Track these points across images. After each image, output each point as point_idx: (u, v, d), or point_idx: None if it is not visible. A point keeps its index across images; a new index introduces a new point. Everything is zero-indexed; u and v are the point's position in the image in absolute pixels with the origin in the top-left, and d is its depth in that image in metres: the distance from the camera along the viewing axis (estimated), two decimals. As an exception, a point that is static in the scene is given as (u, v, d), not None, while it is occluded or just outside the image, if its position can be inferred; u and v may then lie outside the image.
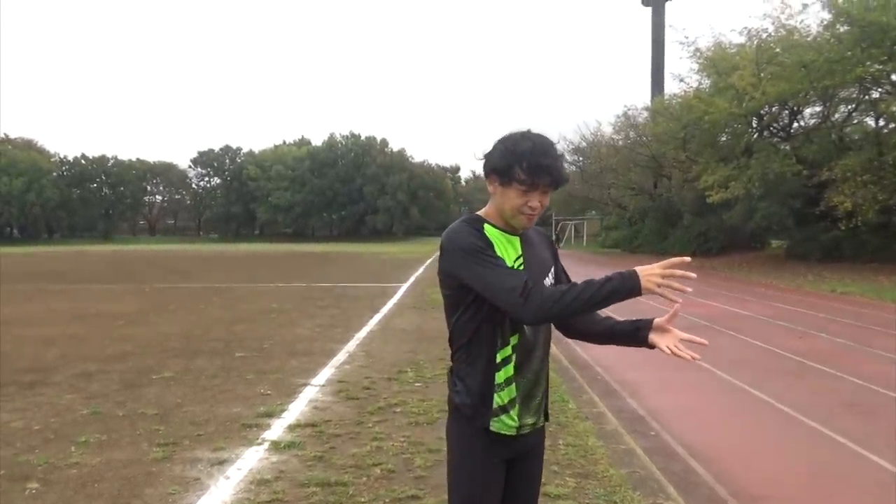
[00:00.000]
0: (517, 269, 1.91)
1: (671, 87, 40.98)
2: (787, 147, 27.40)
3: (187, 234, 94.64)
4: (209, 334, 9.83)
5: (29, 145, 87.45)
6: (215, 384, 6.61)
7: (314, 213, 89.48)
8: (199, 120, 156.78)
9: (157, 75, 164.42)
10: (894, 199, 21.46)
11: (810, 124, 28.57)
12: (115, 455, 4.50)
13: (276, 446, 4.65)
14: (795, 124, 29.08)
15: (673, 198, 38.41)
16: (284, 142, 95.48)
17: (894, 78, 23.00)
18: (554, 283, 2.04)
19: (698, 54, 29.66)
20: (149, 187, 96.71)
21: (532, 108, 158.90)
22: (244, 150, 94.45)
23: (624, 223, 46.86)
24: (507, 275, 1.82)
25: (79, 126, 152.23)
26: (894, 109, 22.33)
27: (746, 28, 26.88)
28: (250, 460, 4.39)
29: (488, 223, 1.95)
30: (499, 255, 1.88)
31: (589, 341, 2.17)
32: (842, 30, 22.55)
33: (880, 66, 21.92)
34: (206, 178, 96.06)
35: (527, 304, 1.77)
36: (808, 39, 24.21)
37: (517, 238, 1.97)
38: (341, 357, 8.03)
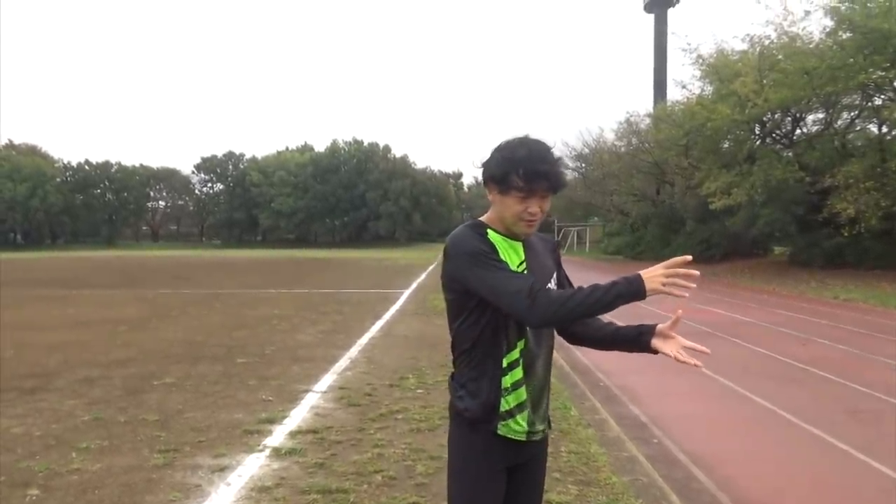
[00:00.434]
0: (522, 272, 1.93)
1: (673, 94, 41.15)
2: (790, 154, 27.37)
3: (190, 240, 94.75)
4: (211, 340, 9.82)
5: (33, 151, 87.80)
6: (217, 390, 6.60)
7: (317, 219, 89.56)
8: (202, 126, 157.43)
9: (160, 81, 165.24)
10: (897, 205, 21.41)
11: (813, 131, 28.54)
12: (116, 461, 4.49)
13: (277, 453, 4.64)
14: (798, 131, 29.07)
15: (675, 204, 38.37)
16: (287, 148, 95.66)
17: (897, 84, 22.98)
18: (553, 286, 2.04)
19: (700, 61, 29.68)
20: (152, 193, 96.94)
21: (535, 114, 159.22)
22: (247, 156, 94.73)
23: (626, 229, 46.82)
24: (513, 278, 1.83)
25: (83, 132, 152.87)
26: (897, 116, 22.29)
27: (749, 35, 26.92)
28: (251, 467, 4.38)
29: (491, 229, 1.96)
30: (502, 259, 1.89)
31: (591, 347, 2.16)
32: (844, 36, 22.53)
33: (883, 73, 21.89)
34: (209, 184, 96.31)
35: (533, 306, 1.77)
36: (811, 46, 24.18)
37: (520, 243, 1.97)
38: (343, 363, 8.02)
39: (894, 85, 22.96)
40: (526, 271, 1.94)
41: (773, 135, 29.42)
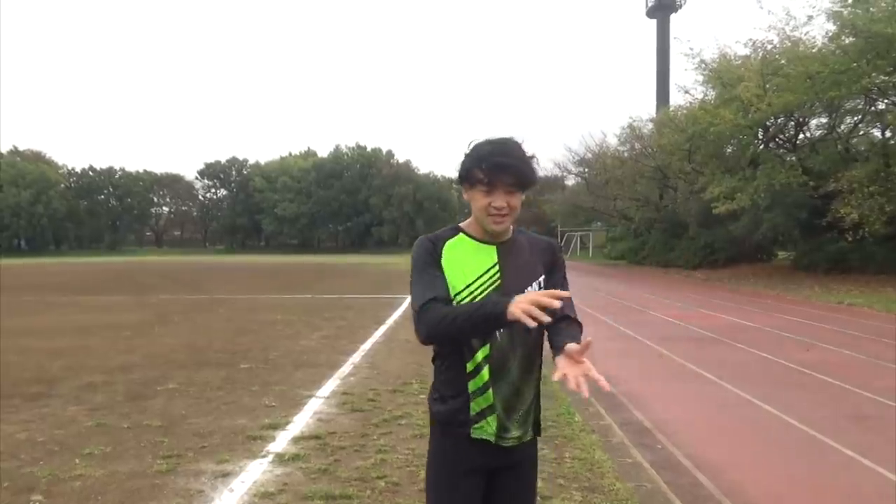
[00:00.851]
0: (482, 279, 1.94)
1: (676, 99, 41.11)
2: (793, 158, 27.34)
3: (193, 246, 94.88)
4: (214, 346, 9.83)
5: (37, 157, 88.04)
6: (220, 396, 6.60)
7: (320, 224, 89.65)
8: (206, 132, 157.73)
9: (164, 88, 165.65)
10: (902, 210, 21.36)
11: (816, 135, 28.53)
12: (119, 467, 4.49)
13: (280, 459, 4.63)
14: (801, 135, 29.03)
15: (679, 209, 38.34)
16: (290, 153, 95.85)
17: (900, 89, 22.96)
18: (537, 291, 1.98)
19: (703, 66, 29.67)
20: (156, 199, 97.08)
21: (538, 119, 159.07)
22: (250, 161, 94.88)
23: (629, 234, 46.79)
24: (424, 290, 1.89)
25: (87, 138, 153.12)
26: (901, 120, 22.27)
27: (751, 40, 26.94)
28: (254, 473, 4.37)
29: (465, 233, 2.00)
30: (452, 267, 1.93)
31: None
32: (847, 41, 22.53)
33: (886, 78, 21.87)
34: (213, 190, 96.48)
35: (419, 321, 1.86)
36: (814, 51, 24.17)
37: (494, 247, 1.98)
38: (346, 369, 8.01)
39: (898, 89, 22.94)
40: (499, 274, 1.95)
41: (777, 139, 29.40)
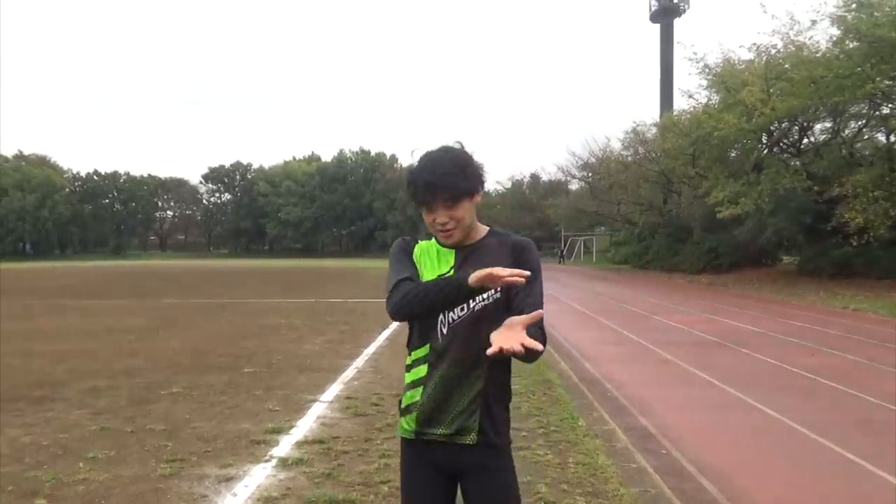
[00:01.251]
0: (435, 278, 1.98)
1: (680, 103, 40.86)
2: (798, 163, 27.30)
3: (197, 250, 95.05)
4: (218, 350, 9.83)
5: (43, 161, 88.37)
6: (223, 400, 6.60)
7: (323, 228, 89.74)
8: (210, 136, 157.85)
9: (169, 93, 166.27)
10: (906, 214, 21.30)
11: (820, 140, 28.49)
12: (123, 471, 4.49)
13: (283, 463, 4.63)
14: (805, 140, 29.00)
15: (682, 213, 38.28)
16: (294, 157, 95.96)
17: (905, 94, 22.93)
18: (489, 298, 1.93)
19: (707, 70, 29.66)
20: (160, 203, 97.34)
21: (541, 123, 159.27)
22: (254, 165, 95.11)
23: (633, 239, 46.71)
24: (397, 273, 1.97)
25: (92, 143, 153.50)
26: (905, 125, 22.26)
27: (755, 44, 26.86)
28: (258, 477, 4.37)
29: (435, 238, 2.04)
30: (417, 266, 2.00)
31: None
32: (851, 46, 22.51)
33: (890, 83, 21.84)
34: (217, 194, 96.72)
35: (389, 300, 1.94)
36: (818, 55, 24.16)
37: (452, 252, 2.01)
38: (350, 373, 8.01)
39: (902, 94, 22.91)
40: None
41: (781, 144, 29.36)
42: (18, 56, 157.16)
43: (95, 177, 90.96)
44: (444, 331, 1.96)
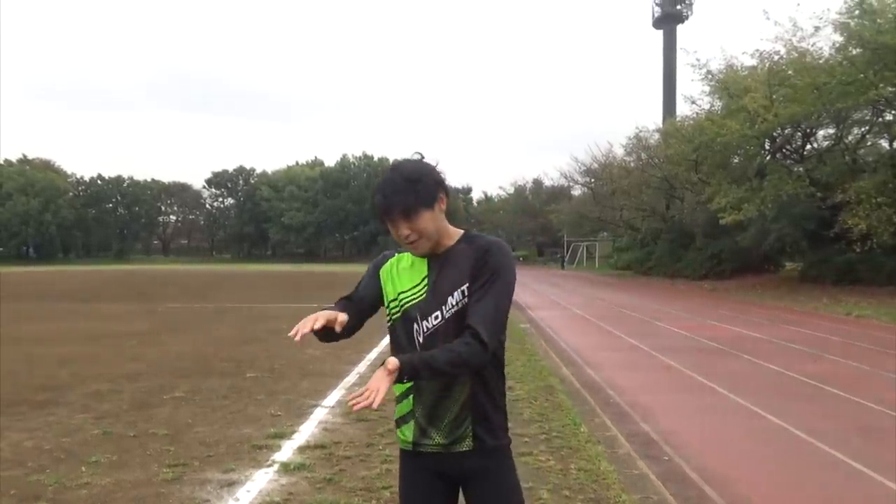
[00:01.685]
0: (409, 291, 2.02)
1: (683, 109, 41.01)
2: (801, 169, 27.27)
3: (200, 254, 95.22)
4: (220, 354, 9.85)
5: (47, 166, 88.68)
6: (226, 405, 6.61)
7: (326, 233, 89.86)
8: (213, 141, 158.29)
9: (173, 97, 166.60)
10: (910, 221, 21.27)
11: (823, 146, 28.48)
12: (126, 476, 4.49)
13: (285, 468, 4.63)
14: (808, 146, 28.98)
15: (685, 219, 38.27)
16: (297, 163, 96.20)
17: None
18: (458, 303, 1.94)
19: (710, 76, 29.69)
20: (163, 207, 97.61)
21: (544, 129, 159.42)
22: (258, 170, 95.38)
23: (636, 245, 46.67)
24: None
25: (96, 147, 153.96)
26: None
27: (758, 50, 26.91)
28: (260, 482, 4.37)
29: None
30: (381, 280, 2.09)
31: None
32: (854, 52, 22.53)
33: (893, 89, 21.86)
34: (220, 199, 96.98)
35: None
36: (821, 62, 24.18)
37: (424, 260, 2.02)
38: (352, 378, 8.02)
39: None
40: (426, 288, 1.99)
41: (784, 150, 29.36)
42: (22, 60, 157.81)
43: (99, 181, 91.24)
44: (421, 340, 1.96)
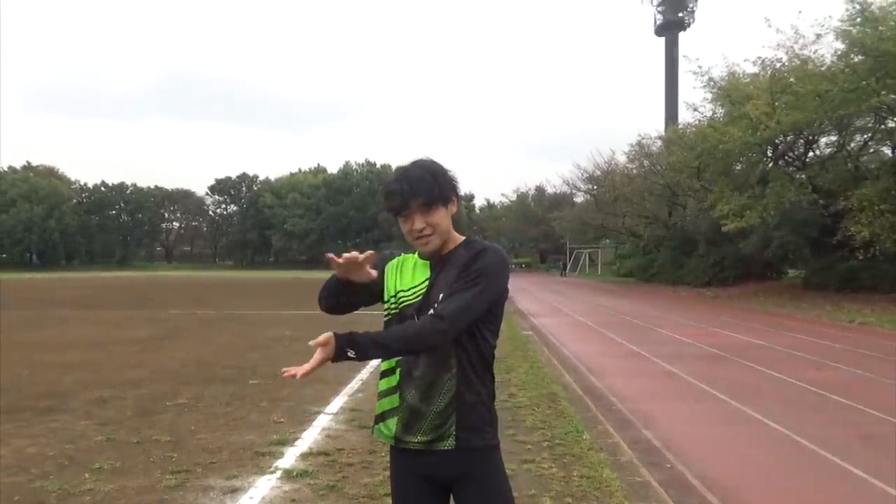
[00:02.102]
0: (408, 291, 2.04)
1: (685, 116, 41.07)
2: (803, 176, 27.28)
3: (203, 261, 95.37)
4: (223, 361, 9.86)
5: (50, 173, 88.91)
6: (229, 411, 6.62)
7: (329, 240, 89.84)
8: (216, 148, 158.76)
9: (176, 105, 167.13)
10: (913, 228, 21.25)
11: (826, 153, 28.47)
12: (129, 482, 4.50)
13: (288, 475, 4.64)
14: (811, 153, 28.99)
15: (688, 226, 38.25)
16: (300, 170, 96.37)
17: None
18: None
19: (712, 84, 29.71)
20: (166, 214, 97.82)
21: (546, 136, 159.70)
22: (261, 177, 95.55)
23: (638, 252, 46.67)
24: None
25: (100, 154, 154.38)
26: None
27: (760, 58, 26.93)
28: (263, 489, 4.38)
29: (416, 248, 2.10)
30: (393, 276, 2.10)
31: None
32: (856, 60, 22.54)
33: (895, 96, 21.86)
34: (223, 206, 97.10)
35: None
36: (823, 69, 24.18)
37: (427, 263, 2.05)
38: (354, 385, 8.02)
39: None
40: (425, 290, 2.02)
41: (786, 157, 29.35)
42: (26, 68, 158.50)
43: (102, 188, 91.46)
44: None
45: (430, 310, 1.96)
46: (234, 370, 9.04)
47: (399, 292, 2.07)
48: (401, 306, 2.04)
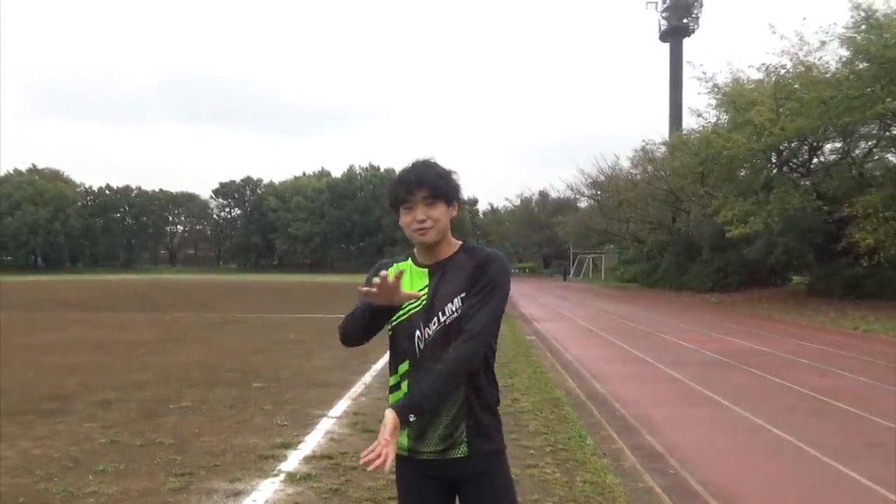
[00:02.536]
0: (421, 298, 2.04)
1: (689, 122, 40.90)
2: (807, 182, 27.24)
3: (207, 264, 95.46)
4: (227, 364, 9.88)
5: (56, 176, 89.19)
6: (232, 414, 6.63)
7: (333, 244, 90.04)
8: (221, 152, 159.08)
9: (179, 108, 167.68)
10: (918, 236, 21.19)
11: (830, 160, 28.42)
12: (133, 485, 4.52)
13: (291, 478, 4.65)
14: (815, 160, 28.94)
15: (691, 232, 38.23)
16: (304, 173, 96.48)
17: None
18: (457, 310, 2.00)
19: (716, 90, 29.71)
20: (171, 217, 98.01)
21: (550, 141, 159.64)
22: (265, 181, 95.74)
23: (642, 257, 46.63)
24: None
25: (105, 157, 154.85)
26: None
27: (764, 64, 26.91)
28: (266, 492, 4.39)
29: (413, 257, 2.14)
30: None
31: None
32: (861, 67, 22.53)
33: (901, 104, 21.83)
34: (227, 209, 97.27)
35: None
36: (827, 76, 24.17)
37: (425, 270, 2.08)
38: (358, 388, 8.03)
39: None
40: (426, 297, 2.04)
41: (790, 163, 29.32)
42: (32, 72, 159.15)
43: (107, 191, 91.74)
44: (422, 346, 2.02)
45: (435, 315, 2.00)
46: (238, 373, 9.06)
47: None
48: (409, 314, 2.07)
